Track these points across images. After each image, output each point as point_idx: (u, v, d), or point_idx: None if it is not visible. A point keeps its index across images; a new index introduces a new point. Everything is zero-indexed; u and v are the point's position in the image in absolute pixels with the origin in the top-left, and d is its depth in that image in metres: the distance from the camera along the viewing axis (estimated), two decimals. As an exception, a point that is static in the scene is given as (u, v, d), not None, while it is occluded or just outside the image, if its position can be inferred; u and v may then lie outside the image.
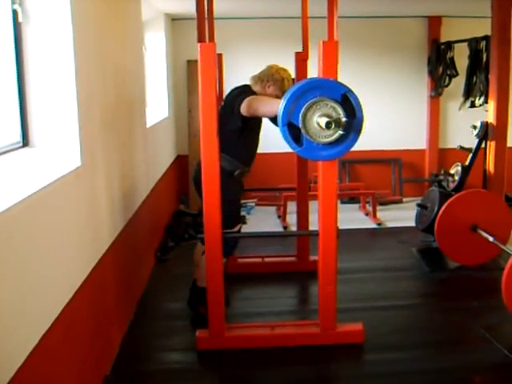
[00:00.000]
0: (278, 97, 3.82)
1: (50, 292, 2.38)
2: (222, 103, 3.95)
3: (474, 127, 5.43)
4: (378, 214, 6.64)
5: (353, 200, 7.35)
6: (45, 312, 2.32)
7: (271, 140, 4.37)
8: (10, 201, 2.04)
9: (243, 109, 3.58)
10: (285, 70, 3.95)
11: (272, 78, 3.88)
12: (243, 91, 3.81)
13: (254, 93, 3.82)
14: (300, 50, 4.52)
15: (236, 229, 3.88)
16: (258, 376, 3.32)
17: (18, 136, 2.75)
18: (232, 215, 3.84)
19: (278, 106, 3.09)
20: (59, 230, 2.50)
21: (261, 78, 3.92)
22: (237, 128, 3.67)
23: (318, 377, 3.29)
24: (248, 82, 3.97)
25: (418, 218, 5.41)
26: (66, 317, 2.47)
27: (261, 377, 3.31)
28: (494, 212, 4.71)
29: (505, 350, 3.42)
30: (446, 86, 7.10)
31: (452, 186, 5.56)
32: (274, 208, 6.86)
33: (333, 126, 2.91)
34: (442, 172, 5.86)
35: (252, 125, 3.76)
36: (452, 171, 5.67)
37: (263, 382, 3.26)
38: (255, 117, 3.69)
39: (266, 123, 3.95)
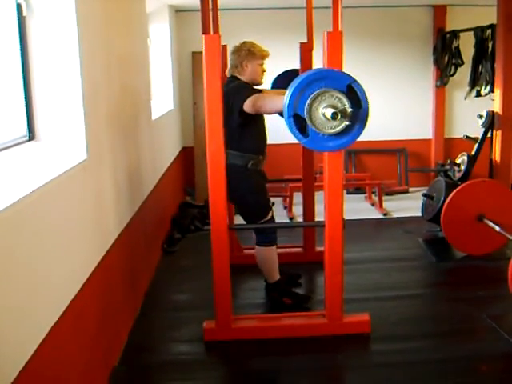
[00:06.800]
0: (260, 65, 3.84)
1: (59, 284, 2.39)
2: None
3: (480, 116, 5.41)
4: (384, 204, 6.64)
5: (359, 190, 7.34)
6: (53, 304, 2.34)
7: (277, 131, 4.36)
8: (17, 195, 2.06)
9: (247, 107, 3.56)
10: (244, 43, 3.88)
11: (241, 58, 3.82)
12: (239, 87, 3.74)
13: (247, 85, 3.79)
14: (305, 40, 4.50)
15: (269, 217, 3.92)
16: (264, 367, 3.33)
17: (24, 130, 2.76)
18: (260, 205, 3.90)
19: (282, 102, 3.09)
20: (66, 223, 2.51)
21: (234, 65, 3.87)
22: (239, 123, 3.67)
23: (325, 367, 3.30)
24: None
25: (424, 207, 5.41)
26: (74, 308, 2.49)
27: (267, 367, 3.32)
28: (500, 202, 4.69)
29: (511, 339, 3.43)
30: (452, 75, 7.08)
31: (458, 175, 5.55)
32: (280, 199, 6.86)
33: (339, 116, 2.90)
34: (448, 162, 5.86)
35: (253, 116, 3.72)
36: (458, 161, 5.66)
37: (270, 373, 3.28)
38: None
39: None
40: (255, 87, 3.85)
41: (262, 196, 3.95)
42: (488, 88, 5.88)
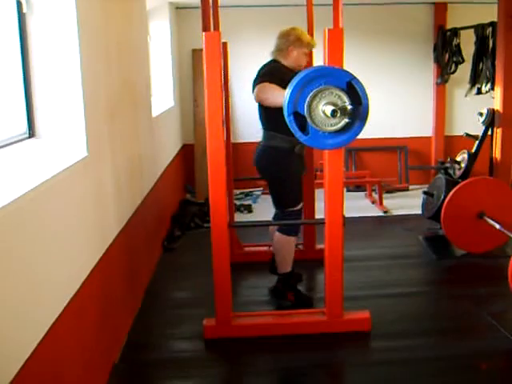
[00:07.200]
0: (306, 54, 3.86)
1: (59, 281, 2.39)
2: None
3: (481, 114, 5.40)
4: (385, 202, 6.64)
5: (359, 188, 7.35)
6: (54, 301, 2.34)
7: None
8: (18, 192, 2.05)
9: (254, 97, 3.60)
10: (294, 29, 3.87)
11: (289, 43, 3.82)
12: (265, 73, 3.73)
13: (278, 70, 3.75)
14: (305, 37, 4.49)
15: (299, 207, 3.93)
16: (264, 364, 3.33)
17: (24, 127, 2.76)
18: (294, 193, 3.91)
19: (282, 99, 3.09)
20: (66, 220, 2.51)
21: (279, 48, 3.87)
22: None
23: (324, 364, 3.30)
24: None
25: (425, 205, 5.41)
26: (74, 306, 2.50)
27: (267, 365, 3.32)
28: (500, 199, 4.69)
29: (511, 336, 3.43)
30: (452, 72, 7.06)
31: (458, 173, 5.54)
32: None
33: (338, 114, 2.90)
34: (449, 159, 5.84)
35: None
36: (458, 158, 5.65)
37: (270, 370, 3.28)
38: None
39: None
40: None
41: (298, 185, 3.95)
42: (488, 86, 5.87)
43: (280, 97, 3.19)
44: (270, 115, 3.75)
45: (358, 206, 6.58)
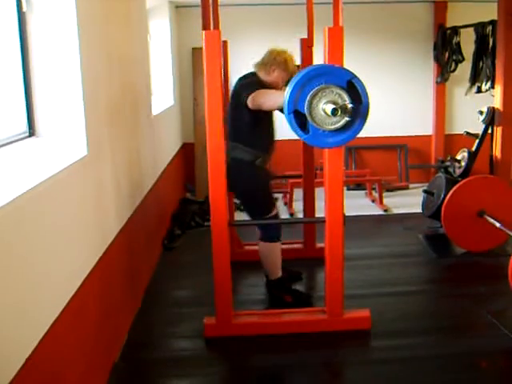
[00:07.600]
0: (284, 79, 3.87)
1: (59, 280, 2.39)
2: (231, 93, 3.96)
3: (481, 113, 5.40)
4: (385, 201, 6.64)
5: (359, 186, 7.35)
6: (54, 300, 2.33)
7: (277, 127, 4.37)
8: (18, 190, 2.05)
9: (250, 104, 3.58)
10: (285, 52, 3.92)
11: (274, 62, 3.86)
12: (249, 83, 3.77)
13: (259, 83, 3.80)
14: (305, 36, 4.49)
15: (274, 213, 3.95)
16: (265, 362, 3.33)
17: (24, 126, 2.76)
18: (265, 201, 3.95)
19: (282, 98, 3.09)
20: (66, 219, 2.51)
21: (264, 63, 3.91)
22: (249, 119, 3.70)
23: (325, 363, 3.30)
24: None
25: (425, 204, 5.40)
26: (74, 305, 2.49)
27: (268, 363, 3.32)
28: (500, 198, 4.69)
29: (511, 335, 3.43)
30: (452, 71, 7.06)
31: (458, 171, 5.54)
32: (280, 195, 6.86)
33: (339, 112, 2.90)
34: (449, 158, 5.84)
35: (263, 114, 3.72)
36: (458, 157, 5.65)
37: (270, 369, 3.28)
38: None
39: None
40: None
41: (268, 192, 3.99)
42: (488, 84, 5.87)
43: (280, 97, 3.20)
44: (237, 126, 3.81)
45: (358, 204, 6.59)
